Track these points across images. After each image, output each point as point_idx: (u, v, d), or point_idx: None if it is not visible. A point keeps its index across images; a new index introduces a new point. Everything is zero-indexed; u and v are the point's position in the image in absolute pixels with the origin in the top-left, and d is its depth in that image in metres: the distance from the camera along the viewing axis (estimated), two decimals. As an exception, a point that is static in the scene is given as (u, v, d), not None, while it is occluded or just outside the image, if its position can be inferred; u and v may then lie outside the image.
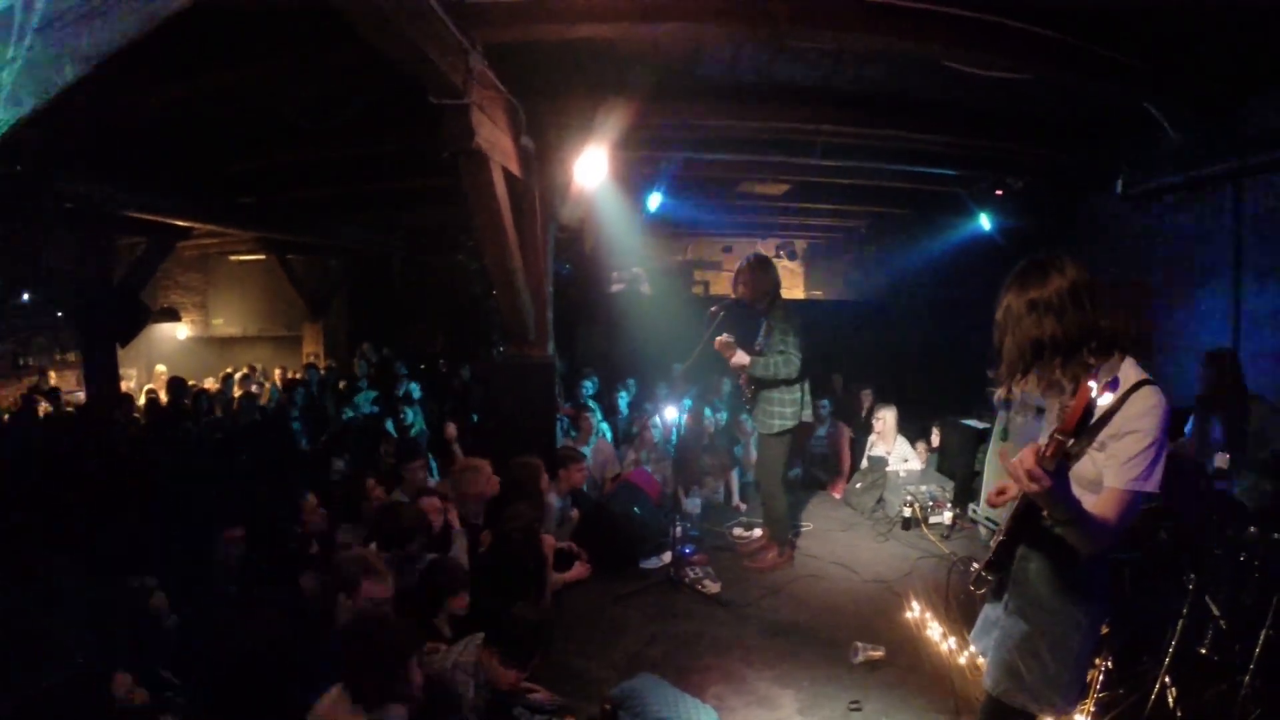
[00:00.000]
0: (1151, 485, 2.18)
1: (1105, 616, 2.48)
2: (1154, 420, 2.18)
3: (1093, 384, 1.98)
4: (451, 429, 7.10)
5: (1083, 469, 2.29)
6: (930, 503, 7.33)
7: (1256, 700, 3.68)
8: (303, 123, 6.27)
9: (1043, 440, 2.18)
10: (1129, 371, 2.25)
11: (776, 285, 6.09)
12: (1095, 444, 2.26)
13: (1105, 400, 2.16)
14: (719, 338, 5.98)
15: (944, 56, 5.33)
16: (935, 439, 8.52)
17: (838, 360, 10.86)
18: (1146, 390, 2.20)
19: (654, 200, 9.01)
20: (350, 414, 9.14)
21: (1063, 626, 2.41)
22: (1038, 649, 2.43)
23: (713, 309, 6.11)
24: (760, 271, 5.99)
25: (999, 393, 2.53)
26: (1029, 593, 2.48)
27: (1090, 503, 2.21)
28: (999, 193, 8.79)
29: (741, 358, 5.97)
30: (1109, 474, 2.22)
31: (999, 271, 2.42)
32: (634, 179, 8.76)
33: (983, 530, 6.92)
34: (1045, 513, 2.23)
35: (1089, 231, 8.35)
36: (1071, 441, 2.00)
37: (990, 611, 2.70)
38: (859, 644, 4.74)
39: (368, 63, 4.31)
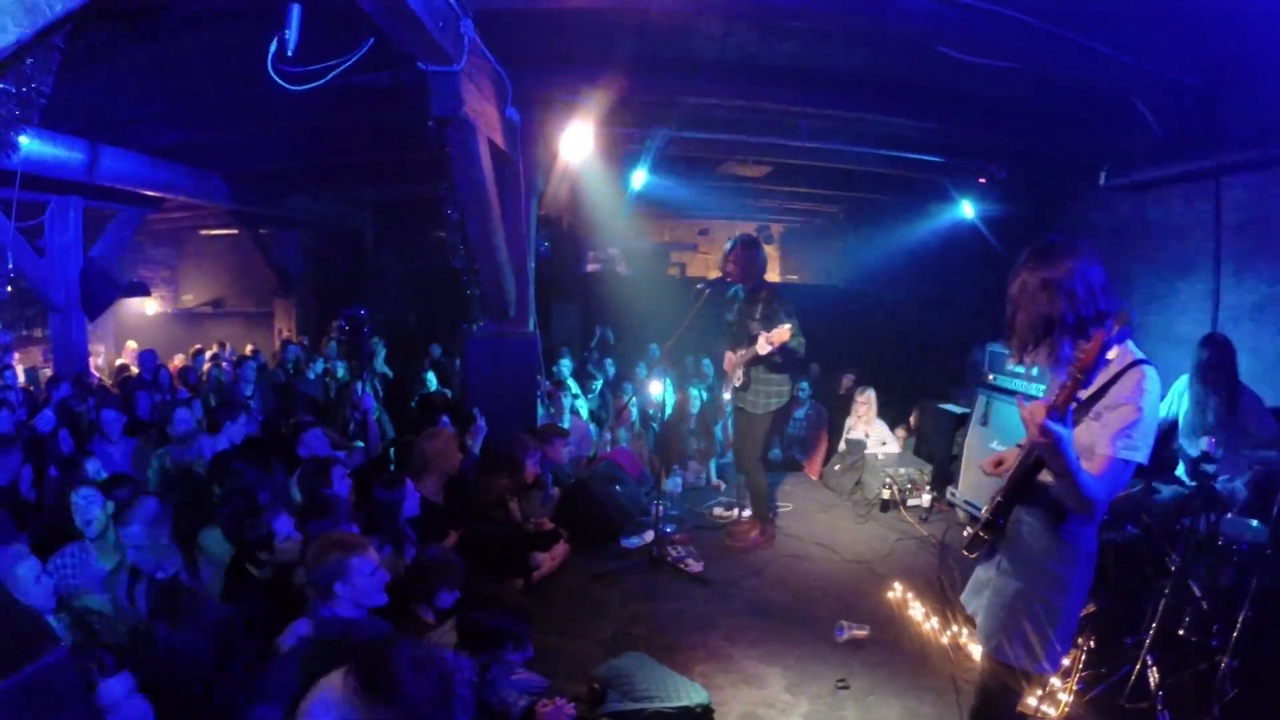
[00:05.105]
0: (1140, 456, 2.34)
1: (1089, 583, 2.60)
2: (1147, 396, 2.33)
3: (1104, 338, 2.17)
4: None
5: (1078, 437, 2.38)
6: (909, 485, 7.36)
7: (1234, 680, 3.73)
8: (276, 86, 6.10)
9: (1052, 392, 2.41)
10: (1128, 351, 2.43)
11: (765, 266, 6.11)
12: (1091, 414, 2.42)
13: (1105, 375, 2.39)
14: (784, 326, 5.61)
15: (940, 41, 5.31)
16: (914, 422, 8.57)
17: (817, 344, 10.84)
18: (1143, 368, 2.37)
19: (638, 178, 8.90)
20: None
21: (1051, 586, 2.52)
22: (1030, 606, 2.55)
23: (699, 286, 6.09)
24: (751, 251, 5.98)
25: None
26: (1021, 552, 2.59)
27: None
28: (982, 181, 8.80)
29: (782, 334, 5.62)
30: (1101, 442, 2.37)
31: (979, 259, 2.51)
32: (618, 156, 8.66)
33: (960, 513, 6.96)
34: (1047, 464, 2.37)
35: (1070, 222, 8.38)
36: (1083, 389, 2.18)
37: (982, 573, 2.80)
38: (844, 622, 4.77)
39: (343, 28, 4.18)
